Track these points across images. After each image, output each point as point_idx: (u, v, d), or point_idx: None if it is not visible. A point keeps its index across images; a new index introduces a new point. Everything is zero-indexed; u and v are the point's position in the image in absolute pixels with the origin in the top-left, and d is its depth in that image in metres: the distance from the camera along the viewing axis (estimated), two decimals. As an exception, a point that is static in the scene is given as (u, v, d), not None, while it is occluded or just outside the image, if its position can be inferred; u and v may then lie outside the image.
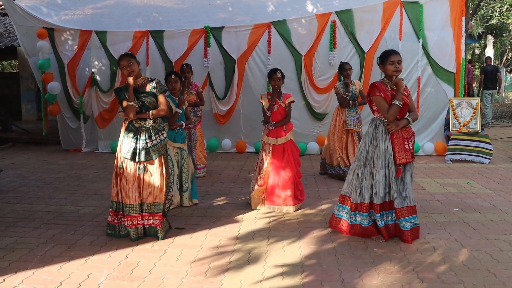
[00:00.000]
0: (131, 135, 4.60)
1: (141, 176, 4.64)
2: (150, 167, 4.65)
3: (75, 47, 9.84)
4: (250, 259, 4.21)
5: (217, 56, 9.68)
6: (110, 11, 10.04)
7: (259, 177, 5.76)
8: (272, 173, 5.71)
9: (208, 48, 9.60)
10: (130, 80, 4.56)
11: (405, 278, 3.79)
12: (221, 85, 9.75)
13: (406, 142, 4.50)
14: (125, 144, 4.61)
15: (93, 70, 9.83)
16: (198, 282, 3.75)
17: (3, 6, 11.41)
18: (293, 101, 5.83)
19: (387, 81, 4.63)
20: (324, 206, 5.88)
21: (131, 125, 4.64)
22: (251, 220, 5.33)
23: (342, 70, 7.26)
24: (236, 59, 9.61)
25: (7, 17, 13.94)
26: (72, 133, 10.29)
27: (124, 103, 4.56)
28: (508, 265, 4.04)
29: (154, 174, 4.65)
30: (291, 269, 3.99)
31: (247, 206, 5.90)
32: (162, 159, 4.71)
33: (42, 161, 9.02)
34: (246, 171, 8.05)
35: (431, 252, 4.33)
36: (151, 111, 4.64)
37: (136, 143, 4.58)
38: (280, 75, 5.69)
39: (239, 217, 5.47)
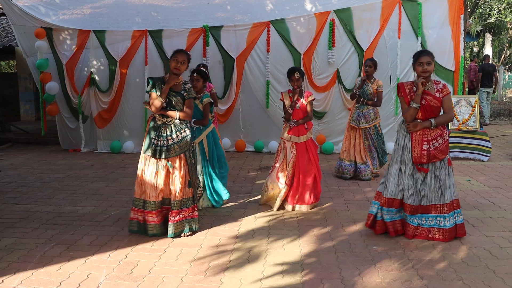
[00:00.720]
0: (153, 132, 4.67)
1: (163, 173, 4.66)
2: (171, 164, 4.68)
3: (74, 46, 9.83)
4: (250, 258, 4.21)
5: (216, 55, 9.67)
6: (109, 10, 10.02)
7: (284, 176, 5.68)
8: (297, 172, 5.67)
9: (207, 47, 9.60)
10: (172, 79, 4.65)
11: (405, 275, 3.80)
12: (220, 84, 9.74)
13: (425, 143, 4.48)
14: (147, 141, 4.68)
15: (91, 70, 9.81)
16: (198, 281, 3.75)
17: (0, 6, 11.38)
18: (313, 99, 5.83)
19: (412, 82, 4.65)
20: (324, 205, 5.88)
21: (153, 122, 4.71)
22: (251, 219, 5.34)
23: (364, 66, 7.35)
24: (235, 58, 9.61)
25: (5, 17, 13.90)
26: (71, 133, 10.27)
27: (154, 97, 4.61)
28: (507, 262, 4.06)
29: (176, 172, 4.68)
30: (291, 268, 3.99)
31: (247, 205, 5.90)
32: (184, 157, 4.73)
33: (41, 162, 9.02)
34: (246, 170, 8.04)
35: (430, 249, 4.34)
36: (179, 113, 4.66)
37: (158, 140, 4.63)
38: (298, 76, 5.66)
39: (239, 216, 5.47)
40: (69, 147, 10.29)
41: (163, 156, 4.63)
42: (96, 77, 9.84)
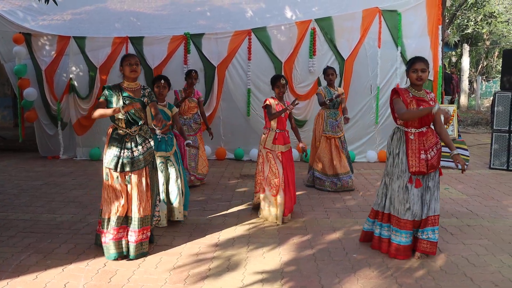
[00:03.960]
0: (115, 143, 4.36)
1: (127, 187, 4.39)
2: (135, 177, 4.39)
3: (53, 52, 9.71)
4: (230, 266, 4.20)
5: (197, 63, 9.64)
6: (89, 16, 9.95)
7: (280, 189, 5.48)
8: (287, 182, 5.56)
9: (188, 55, 9.58)
10: (126, 108, 4.28)
11: (384, 284, 3.82)
12: (201, 91, 9.62)
13: (422, 152, 4.28)
14: (109, 153, 4.36)
15: (71, 76, 9.70)
16: (177, 290, 3.73)
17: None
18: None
19: (411, 88, 4.44)
20: (304, 213, 5.89)
21: (115, 133, 4.42)
22: (231, 227, 5.32)
23: (324, 75, 7.28)
24: (216, 66, 9.60)
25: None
26: (50, 140, 10.13)
27: (110, 111, 4.28)
28: (484, 269, 4.11)
29: (141, 186, 4.41)
30: (271, 276, 3.98)
31: (227, 213, 5.88)
32: (148, 169, 4.48)
33: (19, 169, 8.87)
34: (226, 178, 8.03)
35: (409, 257, 4.37)
36: (157, 125, 4.42)
37: (121, 152, 4.33)
38: (284, 81, 5.63)
39: (219, 224, 5.45)
40: (48, 154, 10.15)
41: (127, 169, 4.33)
42: (76, 84, 9.73)
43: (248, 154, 9.79)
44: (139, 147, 4.41)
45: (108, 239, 4.35)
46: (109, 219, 4.38)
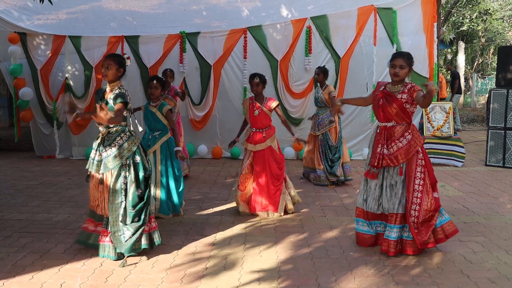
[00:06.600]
0: (94, 144, 4.40)
1: (101, 188, 4.35)
2: (106, 179, 4.32)
3: (48, 52, 9.68)
4: (227, 265, 4.19)
5: (193, 62, 9.64)
6: (85, 16, 9.94)
7: (239, 181, 5.71)
8: (253, 179, 5.70)
9: (183, 54, 9.56)
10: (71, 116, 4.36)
11: (381, 282, 3.83)
12: (197, 90, 9.71)
13: (380, 145, 4.37)
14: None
15: (66, 75, 9.68)
16: (174, 289, 3.72)
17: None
18: (278, 105, 5.72)
19: (389, 82, 4.48)
20: (300, 211, 5.89)
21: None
22: (228, 226, 5.31)
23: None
24: (212, 64, 9.59)
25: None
26: (46, 139, 10.10)
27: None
28: (481, 266, 4.12)
29: (107, 188, 4.32)
30: (268, 275, 3.98)
31: (224, 212, 5.88)
32: (115, 173, 4.27)
33: (14, 168, 8.84)
34: (223, 177, 8.02)
35: (405, 255, 4.37)
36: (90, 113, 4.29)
37: (95, 153, 4.35)
38: (258, 80, 5.65)
39: (216, 223, 5.44)
40: (44, 153, 10.12)
41: (93, 171, 4.35)
42: (71, 83, 9.72)
43: (245, 153, 9.79)
44: (102, 151, 4.31)
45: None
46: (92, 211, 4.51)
